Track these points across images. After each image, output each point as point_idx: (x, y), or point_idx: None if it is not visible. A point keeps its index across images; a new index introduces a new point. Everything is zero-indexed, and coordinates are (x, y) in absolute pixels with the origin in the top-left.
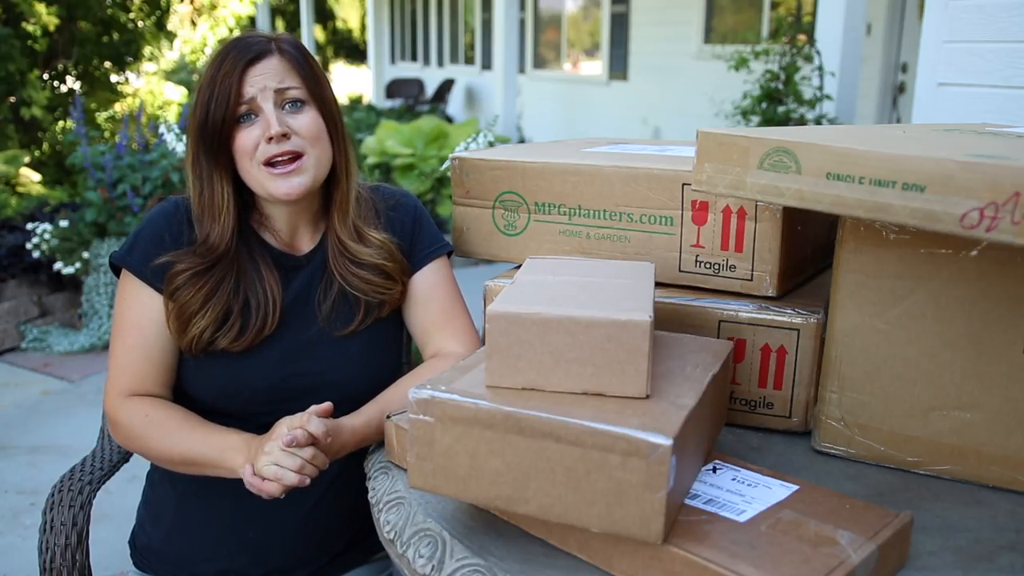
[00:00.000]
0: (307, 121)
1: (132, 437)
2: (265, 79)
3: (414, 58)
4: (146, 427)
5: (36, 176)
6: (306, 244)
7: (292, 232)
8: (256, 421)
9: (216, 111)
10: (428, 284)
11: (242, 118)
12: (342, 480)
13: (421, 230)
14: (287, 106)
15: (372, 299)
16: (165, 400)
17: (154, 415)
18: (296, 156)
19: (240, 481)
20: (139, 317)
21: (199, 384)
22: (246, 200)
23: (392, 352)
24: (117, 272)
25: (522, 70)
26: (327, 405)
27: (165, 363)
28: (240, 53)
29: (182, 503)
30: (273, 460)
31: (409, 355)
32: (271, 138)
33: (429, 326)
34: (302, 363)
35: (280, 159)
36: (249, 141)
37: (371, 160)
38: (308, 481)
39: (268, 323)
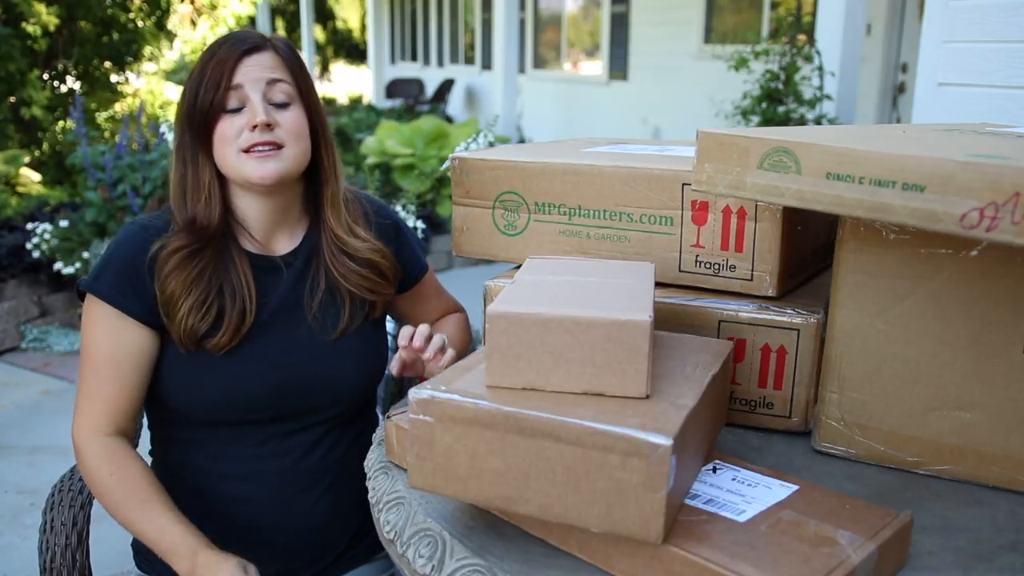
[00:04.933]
0: (291, 118)
1: (94, 483)
2: (258, 70)
3: (414, 58)
4: (108, 486)
5: (36, 176)
6: (283, 246)
7: (267, 234)
8: (258, 426)
9: (205, 96)
10: (419, 295)
11: (229, 106)
12: (343, 478)
13: (404, 244)
14: (274, 103)
15: (363, 297)
16: (132, 453)
17: (119, 474)
18: (277, 147)
19: (244, 485)
20: (112, 349)
21: (195, 397)
22: (224, 196)
23: (384, 349)
24: (82, 298)
25: (522, 70)
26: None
27: (139, 395)
28: (236, 44)
29: (184, 509)
30: None
31: None
32: (255, 126)
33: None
34: (294, 367)
35: (261, 147)
36: (233, 128)
37: (371, 160)
38: None
39: (247, 314)
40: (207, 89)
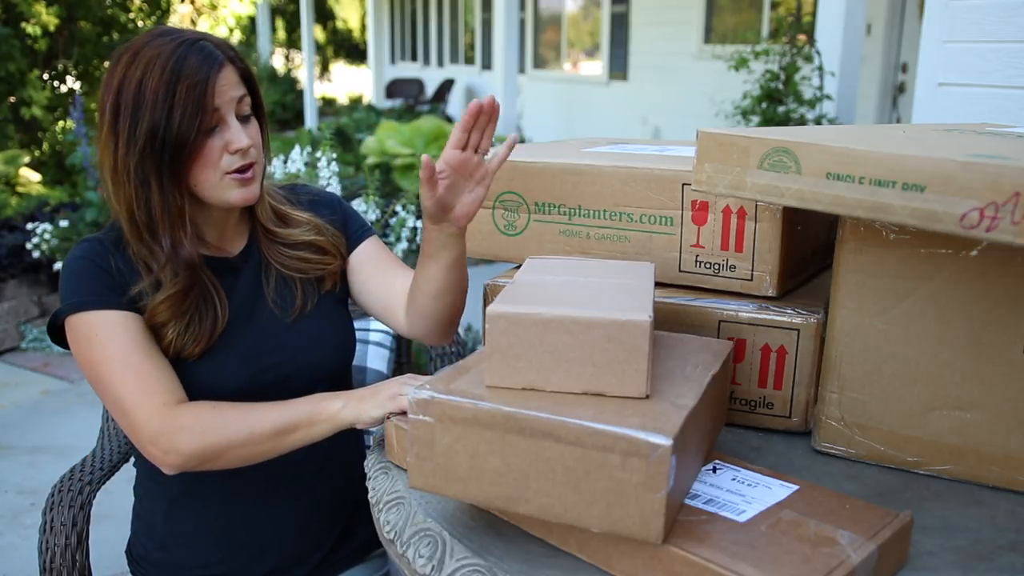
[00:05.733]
0: (255, 132)
1: (207, 431)
2: (228, 88)
3: (414, 58)
4: (219, 416)
5: (36, 176)
6: (236, 245)
7: (220, 235)
8: None
9: (184, 122)
10: (371, 254)
11: (207, 128)
12: (327, 469)
13: (349, 213)
14: (240, 118)
15: (310, 277)
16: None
17: (219, 405)
18: (251, 165)
19: (228, 482)
20: (129, 337)
21: None
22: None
23: (349, 324)
24: (58, 337)
25: (522, 70)
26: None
27: (171, 368)
28: (204, 61)
29: (172, 513)
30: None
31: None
32: (237, 150)
33: (390, 283)
34: (265, 357)
35: (242, 169)
36: (215, 152)
37: (371, 160)
38: None
39: (219, 322)
40: (185, 115)
